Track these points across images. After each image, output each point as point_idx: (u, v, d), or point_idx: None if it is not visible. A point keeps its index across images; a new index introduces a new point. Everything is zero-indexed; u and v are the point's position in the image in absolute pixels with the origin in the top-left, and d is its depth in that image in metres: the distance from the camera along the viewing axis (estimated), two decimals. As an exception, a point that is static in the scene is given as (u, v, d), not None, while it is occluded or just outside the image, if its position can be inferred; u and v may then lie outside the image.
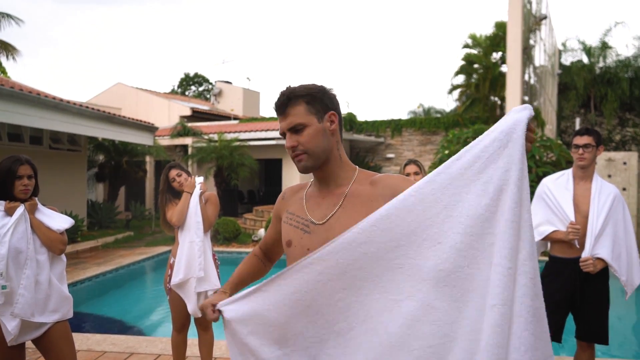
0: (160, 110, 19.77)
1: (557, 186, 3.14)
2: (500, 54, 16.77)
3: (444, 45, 71.66)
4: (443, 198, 1.24)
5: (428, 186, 1.25)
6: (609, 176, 12.97)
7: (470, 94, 17.78)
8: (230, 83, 25.53)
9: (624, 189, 12.87)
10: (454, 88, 18.82)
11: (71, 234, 9.70)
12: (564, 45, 20.65)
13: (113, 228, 12.84)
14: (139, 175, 14.79)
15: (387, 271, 1.28)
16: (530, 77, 14.32)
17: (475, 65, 17.37)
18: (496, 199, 1.19)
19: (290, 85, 1.49)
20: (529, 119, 1.20)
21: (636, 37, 21.18)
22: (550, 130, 16.63)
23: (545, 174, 9.06)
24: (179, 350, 3.47)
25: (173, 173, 3.56)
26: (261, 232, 11.23)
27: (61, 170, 11.21)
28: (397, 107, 66.28)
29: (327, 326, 1.37)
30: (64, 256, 2.70)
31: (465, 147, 1.27)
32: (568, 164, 9.50)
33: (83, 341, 4.37)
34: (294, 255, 1.51)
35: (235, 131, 15.23)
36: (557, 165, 9.80)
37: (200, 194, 3.48)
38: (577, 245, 2.99)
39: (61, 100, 9.24)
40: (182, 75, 37.56)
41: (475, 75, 17.34)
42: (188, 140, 15.57)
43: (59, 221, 2.66)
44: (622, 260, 3.00)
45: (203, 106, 22.95)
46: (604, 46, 19.42)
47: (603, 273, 3.02)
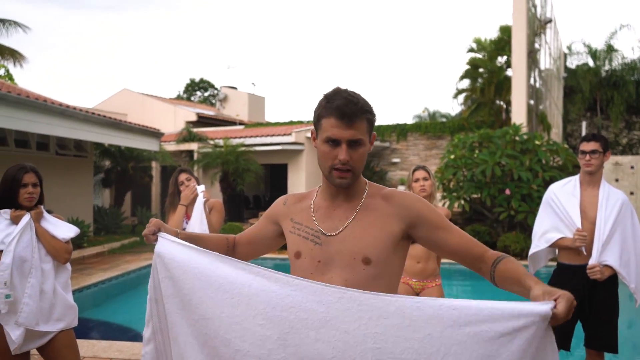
0: (166, 115, 19.86)
1: (564, 192, 3.12)
2: (505, 57, 16.73)
3: (449, 49, 71.64)
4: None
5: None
6: (616, 180, 12.88)
7: (475, 98, 17.74)
8: (235, 88, 25.61)
9: (632, 193, 12.78)
10: (459, 92, 18.79)
11: (77, 240, 9.73)
12: (569, 48, 20.60)
13: (119, 233, 12.87)
14: (145, 180, 14.83)
15: None
16: (535, 81, 14.27)
17: (481, 70, 17.34)
18: None
19: (356, 93, 1.41)
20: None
21: (642, 40, 21.09)
22: (557, 134, 16.56)
23: (552, 178, 9.01)
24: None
25: (183, 177, 3.59)
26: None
27: (67, 176, 11.27)
28: (403, 112, 66.30)
29: None
30: (69, 265, 2.70)
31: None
32: (575, 168, 9.44)
33: (89, 348, 4.36)
34: (302, 267, 1.44)
35: (240, 136, 15.26)
36: (564, 170, 9.75)
37: (204, 202, 3.48)
38: (585, 252, 2.96)
39: (67, 106, 9.30)
40: (188, 81, 37.74)
41: (480, 80, 17.31)
42: (194, 146, 15.62)
43: (64, 230, 2.66)
44: (631, 267, 2.97)
45: (208, 111, 23.03)
46: (610, 49, 19.35)
47: (612, 280, 2.98)
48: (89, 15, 72.79)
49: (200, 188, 3.57)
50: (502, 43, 16.65)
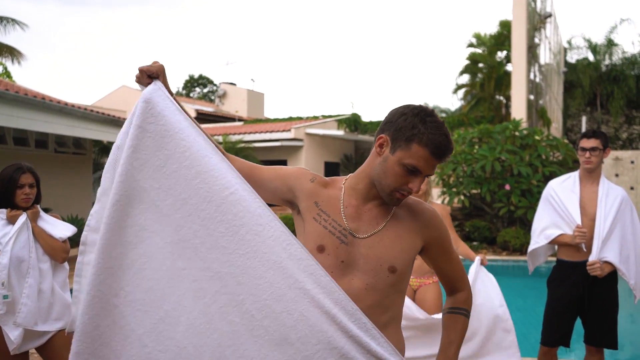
0: (165, 112, 19.83)
1: (564, 189, 3.10)
2: (505, 52, 16.71)
3: (449, 44, 71.50)
4: None
5: None
6: (616, 175, 12.87)
7: (475, 93, 17.73)
8: (234, 84, 25.58)
9: (632, 188, 12.77)
10: (459, 87, 18.78)
11: (77, 238, 9.70)
12: (569, 43, 20.55)
13: (119, 231, 12.87)
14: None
15: None
16: (535, 76, 14.24)
17: (480, 65, 17.31)
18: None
19: (448, 130, 1.41)
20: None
21: (642, 34, 21.00)
22: (556, 128, 16.53)
23: (552, 173, 9.00)
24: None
25: None
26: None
27: (67, 174, 11.25)
28: (402, 107, 66.03)
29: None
30: (66, 264, 2.69)
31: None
32: (575, 163, 9.43)
33: (88, 346, 4.36)
34: (323, 264, 1.36)
35: (240, 133, 15.25)
36: (564, 165, 9.74)
37: None
38: (584, 249, 2.95)
39: (66, 104, 9.27)
40: (187, 77, 37.70)
41: (480, 75, 17.29)
42: (193, 143, 15.57)
43: (61, 229, 2.65)
44: (631, 264, 2.96)
45: (207, 108, 23.00)
46: (610, 43, 19.30)
47: (611, 276, 2.97)
48: (88, 12, 72.65)
49: None
50: (502, 38, 16.62)
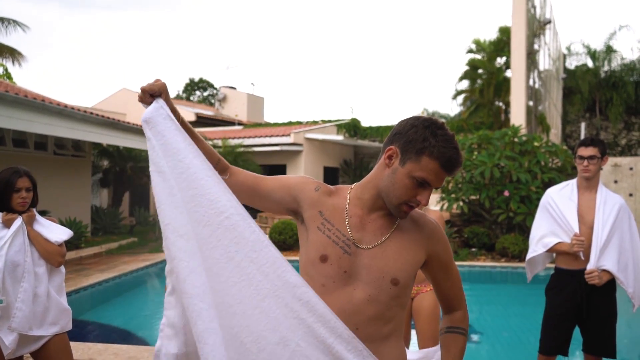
0: (164, 115, 19.81)
1: (561, 197, 3.10)
2: (504, 59, 16.74)
3: (448, 50, 71.65)
4: None
5: None
6: (615, 182, 12.87)
7: (474, 99, 17.75)
8: (234, 88, 25.60)
9: (631, 195, 12.77)
10: (458, 93, 18.81)
11: (75, 240, 9.70)
12: (568, 49, 20.61)
13: (117, 234, 12.84)
14: (144, 181, 14.80)
15: None
16: (534, 82, 14.27)
17: (480, 71, 17.35)
18: None
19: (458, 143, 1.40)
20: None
21: (642, 41, 21.08)
22: (556, 134, 16.55)
23: (551, 180, 8.99)
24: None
25: None
26: (265, 238, 11.19)
27: (65, 176, 11.24)
28: (401, 113, 66.34)
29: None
30: (62, 268, 2.68)
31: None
32: (574, 169, 9.43)
33: (84, 351, 4.34)
34: (326, 274, 1.37)
35: (239, 137, 15.25)
36: (563, 171, 9.74)
37: None
38: (582, 257, 2.94)
39: (65, 106, 9.27)
40: (187, 81, 37.73)
41: (479, 81, 17.32)
42: (192, 146, 15.55)
43: (57, 233, 2.63)
44: (629, 272, 2.95)
45: (207, 111, 23.01)
46: (609, 50, 19.36)
47: (610, 285, 2.97)
48: (89, 15, 72.75)
49: None
50: (502, 44, 16.66)
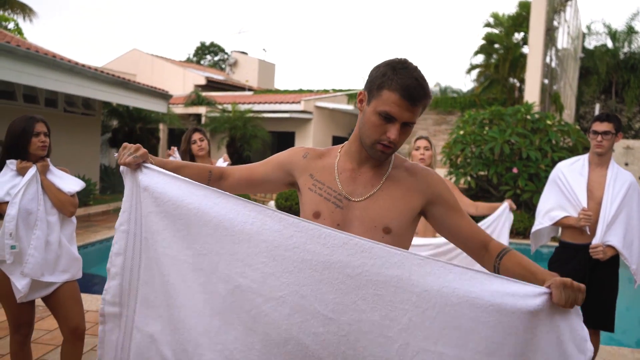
0: (175, 78, 19.73)
1: (572, 171, 3.08)
2: (522, 34, 16.37)
3: (465, 23, 70.13)
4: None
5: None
6: (626, 164, 12.76)
7: (489, 74, 17.47)
8: (246, 54, 25.33)
9: (640, 178, 12.68)
10: (473, 68, 18.50)
11: (84, 197, 9.82)
12: (588, 28, 20.10)
13: (125, 193, 12.97)
14: (152, 142, 14.84)
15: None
16: (551, 60, 13.99)
17: (496, 45, 17.01)
18: None
19: (423, 75, 1.37)
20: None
21: (664, 23, 20.57)
22: (569, 115, 16.32)
23: (561, 159, 8.92)
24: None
25: (196, 136, 3.68)
26: (272, 204, 11.28)
27: (75, 134, 11.29)
28: (414, 85, 65.34)
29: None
30: (74, 218, 2.72)
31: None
32: (585, 150, 9.35)
33: (93, 302, 4.45)
34: None
35: (249, 102, 15.18)
36: (574, 151, 9.64)
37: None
38: (588, 232, 2.95)
39: (76, 63, 9.24)
40: (198, 44, 37.36)
41: (495, 56, 17.01)
42: (202, 110, 15.55)
43: (70, 183, 2.66)
44: (634, 249, 2.96)
45: (218, 76, 22.85)
46: (630, 31, 18.87)
47: (613, 261, 2.98)
48: (101, -28, 71.54)
49: (220, 162, 3.70)
50: (520, 19, 16.27)
